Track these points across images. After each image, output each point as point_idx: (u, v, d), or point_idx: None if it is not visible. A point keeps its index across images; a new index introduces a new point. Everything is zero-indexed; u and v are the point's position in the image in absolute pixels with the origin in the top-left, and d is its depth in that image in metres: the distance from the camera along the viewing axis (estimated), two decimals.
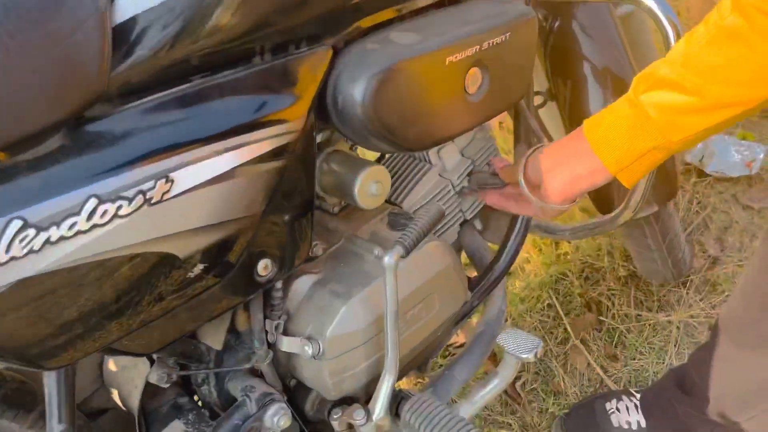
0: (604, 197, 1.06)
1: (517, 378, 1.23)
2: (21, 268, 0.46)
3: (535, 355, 0.76)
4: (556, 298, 1.34)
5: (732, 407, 0.96)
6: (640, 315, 1.30)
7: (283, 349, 0.71)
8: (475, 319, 1.01)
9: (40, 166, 0.47)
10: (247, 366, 0.71)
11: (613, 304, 1.32)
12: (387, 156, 0.89)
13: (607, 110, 0.71)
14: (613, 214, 0.97)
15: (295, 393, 0.78)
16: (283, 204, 0.64)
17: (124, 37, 0.50)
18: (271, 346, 0.72)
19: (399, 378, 0.75)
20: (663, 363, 1.23)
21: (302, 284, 0.74)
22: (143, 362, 0.70)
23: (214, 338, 0.70)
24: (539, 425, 1.16)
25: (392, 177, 0.84)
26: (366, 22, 0.66)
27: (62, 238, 0.47)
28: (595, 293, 1.34)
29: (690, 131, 0.66)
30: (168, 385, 0.70)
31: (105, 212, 0.49)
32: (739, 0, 0.61)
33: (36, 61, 0.46)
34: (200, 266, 0.57)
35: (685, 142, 0.67)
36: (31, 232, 0.46)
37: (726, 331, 0.94)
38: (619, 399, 1.10)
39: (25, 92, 0.46)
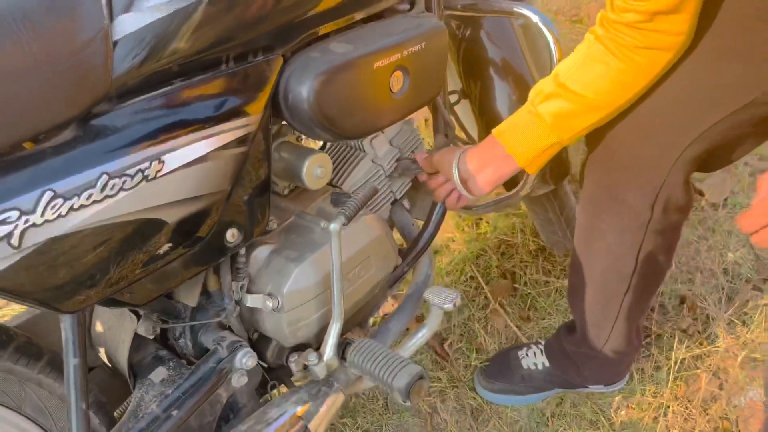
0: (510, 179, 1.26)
1: (444, 339, 1.41)
2: (52, 228, 0.59)
3: (454, 305, 0.94)
4: (477, 270, 1.53)
5: (591, 335, 1.18)
6: (547, 281, 1.51)
7: (248, 305, 0.86)
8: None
9: (62, 150, 0.61)
10: (218, 320, 0.86)
11: (525, 273, 1.53)
12: (328, 145, 1.05)
13: (513, 119, 0.94)
14: (515, 190, 1.17)
15: (257, 344, 0.93)
16: (246, 183, 0.78)
17: (121, 50, 0.64)
18: (237, 303, 0.87)
19: (343, 333, 0.91)
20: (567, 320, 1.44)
21: (261, 252, 0.89)
22: (130, 319, 0.83)
23: (189, 297, 0.84)
24: (465, 377, 1.34)
25: (333, 164, 1.00)
26: (309, 36, 0.81)
27: (82, 206, 0.61)
28: (510, 265, 1.55)
29: (575, 130, 0.90)
30: (152, 337, 0.84)
31: (114, 186, 0.63)
32: (598, 34, 0.83)
33: (57, 70, 0.60)
34: (183, 231, 0.72)
35: (572, 138, 0.91)
36: (59, 201, 0.59)
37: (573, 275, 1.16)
38: (528, 347, 1.31)
39: (48, 94, 0.59)
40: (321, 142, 1.02)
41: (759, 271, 1.56)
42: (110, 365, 0.90)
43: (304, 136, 0.97)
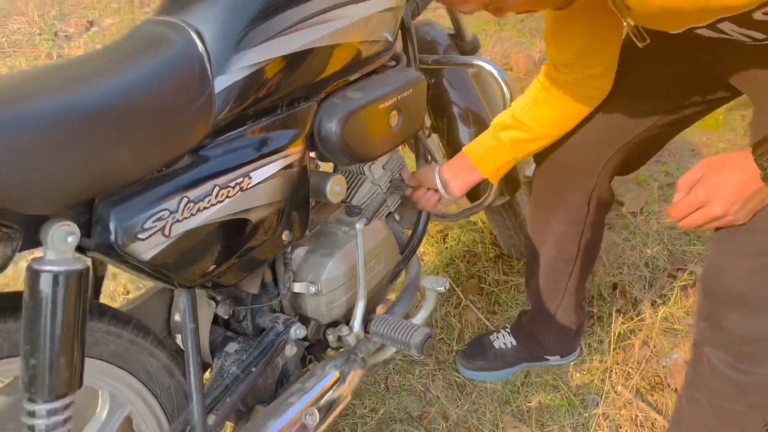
0: (473, 191, 1.57)
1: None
2: (187, 223, 0.85)
3: (445, 287, 1.23)
4: (449, 276, 1.83)
5: (544, 310, 1.48)
6: (507, 281, 1.82)
7: (295, 291, 1.12)
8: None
9: (187, 170, 0.87)
10: (275, 302, 1.11)
11: (488, 275, 1.83)
12: (338, 171, 1.33)
13: (479, 141, 1.26)
14: (480, 200, 1.48)
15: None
16: (295, 195, 1.06)
17: (218, 101, 0.91)
18: (288, 289, 1.12)
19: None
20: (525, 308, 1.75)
21: (300, 252, 1.16)
22: (208, 305, 1.07)
23: (252, 286, 1.09)
24: (449, 361, 1.61)
25: None
26: (333, 87, 1.10)
27: (204, 208, 0.87)
28: (475, 270, 1.85)
29: (528, 151, 1.23)
30: (227, 317, 1.08)
31: (222, 194, 0.89)
32: (545, 84, 1.17)
33: (183, 117, 0.86)
34: (259, 229, 0.98)
35: (525, 156, 1.24)
36: (192, 204, 0.85)
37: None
38: (498, 332, 1.61)
39: (179, 134, 0.86)
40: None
41: (672, 262, 1.92)
42: (183, 348, 1.13)
43: (320, 163, 1.25)
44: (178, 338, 1.12)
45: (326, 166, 1.30)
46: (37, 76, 0.78)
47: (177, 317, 1.11)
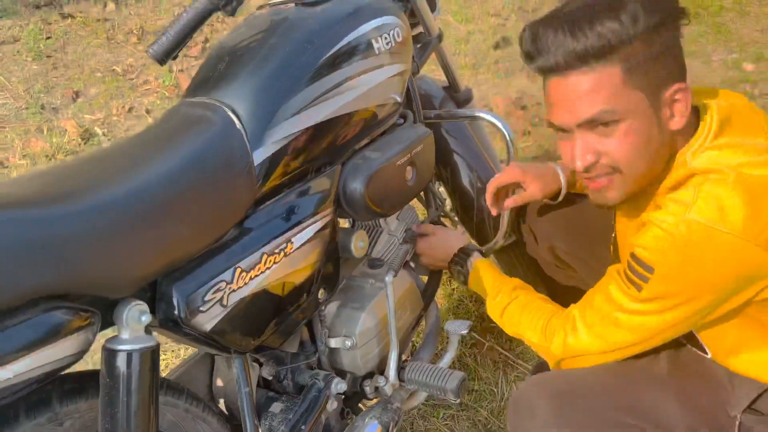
0: (481, 235, 1.63)
1: None
2: (240, 292, 0.90)
3: (468, 329, 1.29)
4: (459, 316, 1.88)
5: None
6: None
7: (332, 346, 1.16)
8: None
9: (237, 240, 0.92)
10: (312, 359, 1.15)
11: None
12: (358, 227, 1.38)
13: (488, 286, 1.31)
14: (492, 242, 1.55)
15: None
16: (329, 255, 1.11)
17: (258, 173, 0.97)
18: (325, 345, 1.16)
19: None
20: None
21: (331, 308, 1.20)
22: (253, 368, 1.11)
23: (291, 346, 1.13)
24: (470, 402, 1.66)
25: None
26: (352, 150, 1.17)
27: (255, 276, 0.92)
28: (484, 309, 1.90)
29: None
30: (271, 378, 1.11)
31: (269, 261, 0.94)
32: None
33: (227, 192, 0.92)
34: (301, 290, 1.03)
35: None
36: (244, 273, 0.90)
37: None
38: None
39: (226, 207, 0.91)
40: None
41: None
42: (227, 412, 1.15)
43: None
44: (221, 402, 1.15)
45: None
46: (92, 165, 0.83)
47: (219, 382, 1.14)
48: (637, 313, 1.01)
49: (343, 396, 1.23)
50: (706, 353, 1.10)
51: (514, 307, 1.23)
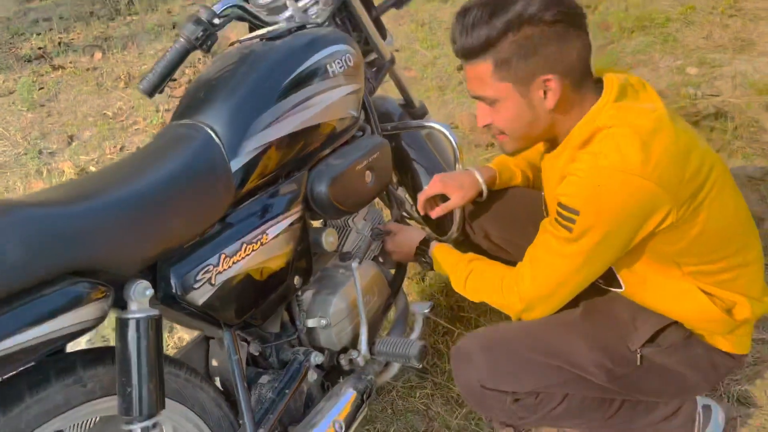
0: (439, 227, 1.82)
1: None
2: (225, 274, 1.10)
3: (431, 308, 1.49)
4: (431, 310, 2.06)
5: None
6: (482, 304, 2.06)
7: (309, 326, 1.35)
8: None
9: (221, 233, 1.12)
10: (293, 338, 1.34)
11: (465, 302, 2.08)
12: (329, 226, 1.59)
13: (450, 263, 1.50)
14: (448, 234, 1.75)
15: None
16: (301, 247, 1.31)
17: (236, 178, 1.17)
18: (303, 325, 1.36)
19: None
20: None
21: (308, 294, 1.40)
22: (242, 346, 1.30)
23: (274, 326, 1.32)
24: (443, 382, 1.84)
25: None
26: (318, 157, 1.37)
27: (237, 261, 1.12)
28: (453, 300, 2.09)
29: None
30: (257, 353, 1.30)
31: (247, 249, 1.14)
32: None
33: (210, 194, 1.12)
34: (278, 276, 1.23)
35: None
36: (228, 258, 1.10)
37: None
38: None
39: (210, 206, 1.11)
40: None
41: None
42: (222, 389, 1.33)
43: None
44: (217, 381, 1.33)
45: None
46: (105, 175, 1.04)
47: (215, 362, 1.33)
48: (571, 254, 1.22)
49: (324, 372, 1.42)
50: (621, 287, 1.30)
51: (473, 277, 1.43)
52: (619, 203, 1.15)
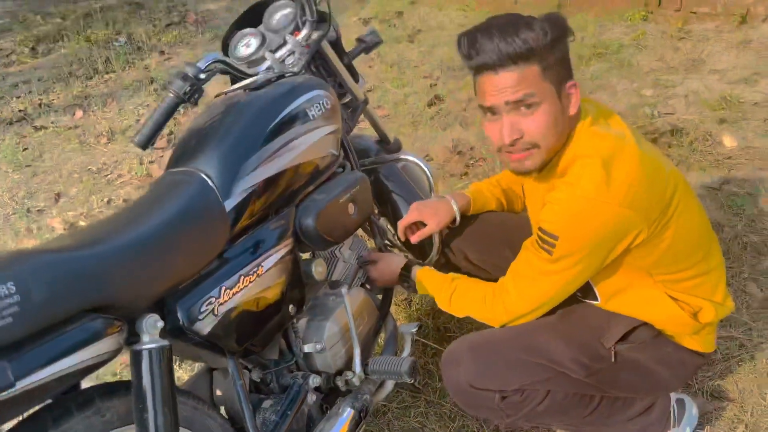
0: (423, 255, 1.93)
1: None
2: (227, 304, 1.19)
3: (419, 327, 1.59)
4: (419, 334, 2.16)
5: None
6: (468, 322, 2.17)
7: (306, 351, 1.44)
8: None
9: (220, 268, 1.22)
10: (291, 363, 1.43)
11: (451, 323, 2.18)
12: (318, 257, 1.69)
13: (435, 283, 1.61)
14: (429, 258, 1.86)
15: None
16: (294, 277, 1.41)
17: (230, 217, 1.28)
18: (300, 351, 1.45)
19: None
20: None
21: (303, 321, 1.49)
22: (244, 374, 1.38)
23: (272, 353, 1.41)
24: (436, 401, 1.92)
25: None
26: (304, 193, 1.49)
27: (236, 292, 1.22)
28: (440, 322, 2.19)
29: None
30: (258, 380, 1.39)
31: (245, 281, 1.24)
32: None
33: (208, 233, 1.22)
34: (274, 305, 1.32)
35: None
36: (228, 290, 1.20)
37: None
38: None
39: (208, 244, 1.22)
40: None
41: None
42: (227, 416, 1.41)
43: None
44: (222, 409, 1.41)
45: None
46: (114, 221, 1.14)
47: (218, 392, 1.41)
48: (551, 272, 1.34)
49: (322, 395, 1.51)
50: (597, 300, 1.42)
51: (458, 294, 1.53)
52: (594, 229, 1.27)
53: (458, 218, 1.72)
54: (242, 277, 1.24)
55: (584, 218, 1.26)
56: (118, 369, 2.15)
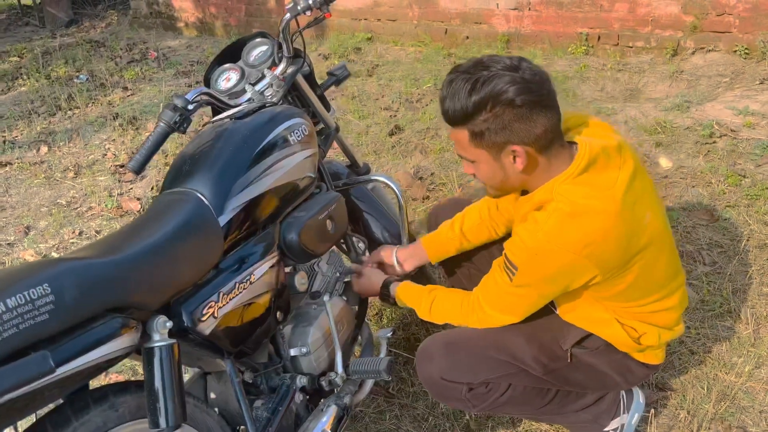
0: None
1: (388, 386, 2.14)
2: (225, 307, 1.33)
3: (393, 332, 1.74)
4: (394, 343, 2.31)
5: None
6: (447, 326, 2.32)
7: (292, 354, 1.58)
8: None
9: (217, 276, 1.36)
10: (279, 366, 1.56)
11: (420, 333, 2.33)
12: (299, 270, 1.83)
13: (412, 294, 1.76)
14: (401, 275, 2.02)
15: None
16: (281, 285, 1.55)
17: (224, 231, 1.42)
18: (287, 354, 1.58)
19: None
20: None
21: (288, 328, 1.63)
22: (236, 375, 1.50)
23: (262, 357, 1.54)
24: (410, 404, 2.06)
25: None
26: (287, 211, 1.64)
27: (232, 297, 1.35)
28: (411, 332, 2.34)
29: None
30: (250, 381, 1.51)
31: (240, 287, 1.38)
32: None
33: (207, 246, 1.36)
34: (264, 310, 1.46)
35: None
36: (225, 295, 1.33)
37: None
38: None
39: (207, 255, 1.35)
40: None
41: None
42: (221, 417, 1.52)
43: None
44: (216, 411, 1.53)
45: None
46: (124, 234, 1.27)
47: (212, 395, 1.53)
48: (513, 293, 1.48)
49: (308, 395, 1.64)
50: (555, 309, 1.60)
51: (437, 303, 1.68)
52: (549, 269, 1.38)
53: (432, 261, 1.90)
54: (237, 284, 1.38)
55: (541, 258, 1.36)
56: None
